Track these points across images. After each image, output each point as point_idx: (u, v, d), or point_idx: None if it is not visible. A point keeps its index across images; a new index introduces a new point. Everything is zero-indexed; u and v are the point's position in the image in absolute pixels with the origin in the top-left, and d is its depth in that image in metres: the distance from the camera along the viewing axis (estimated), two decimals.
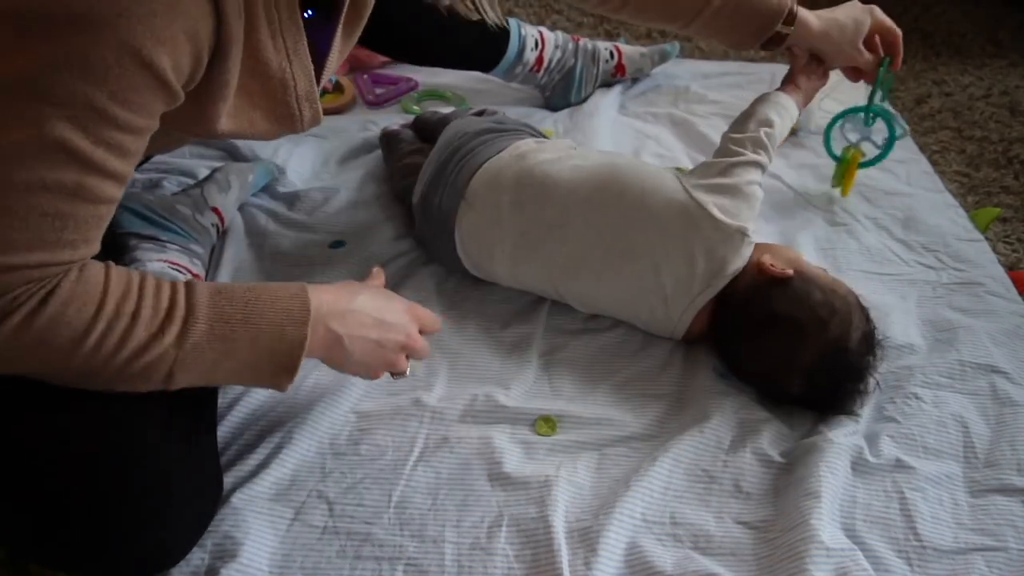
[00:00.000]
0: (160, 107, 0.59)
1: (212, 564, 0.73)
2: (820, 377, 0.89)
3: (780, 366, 0.91)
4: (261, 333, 0.68)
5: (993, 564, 0.78)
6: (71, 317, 0.60)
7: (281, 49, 0.69)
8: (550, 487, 0.81)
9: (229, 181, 1.15)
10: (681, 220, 0.95)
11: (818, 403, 0.91)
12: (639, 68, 1.54)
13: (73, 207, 0.57)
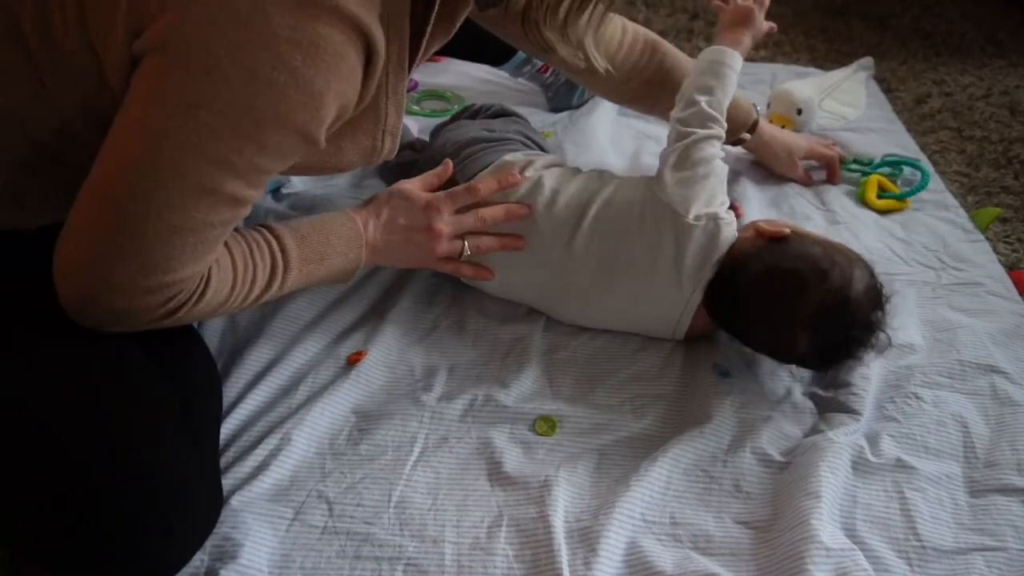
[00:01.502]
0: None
1: (211, 566, 0.73)
2: (826, 328, 0.88)
3: (785, 320, 0.89)
4: (333, 264, 0.86)
5: (993, 564, 0.78)
6: (215, 300, 0.74)
7: (383, 86, 0.74)
8: (550, 487, 0.81)
9: None
10: (655, 225, 0.96)
11: (828, 357, 0.90)
12: None
13: (224, 229, 0.70)
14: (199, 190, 0.64)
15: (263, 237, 0.80)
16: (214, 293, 0.73)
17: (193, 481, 0.71)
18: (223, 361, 0.94)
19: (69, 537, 0.64)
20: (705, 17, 1.93)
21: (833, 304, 0.88)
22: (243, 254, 0.77)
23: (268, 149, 0.65)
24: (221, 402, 0.86)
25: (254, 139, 0.63)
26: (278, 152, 0.66)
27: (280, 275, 0.80)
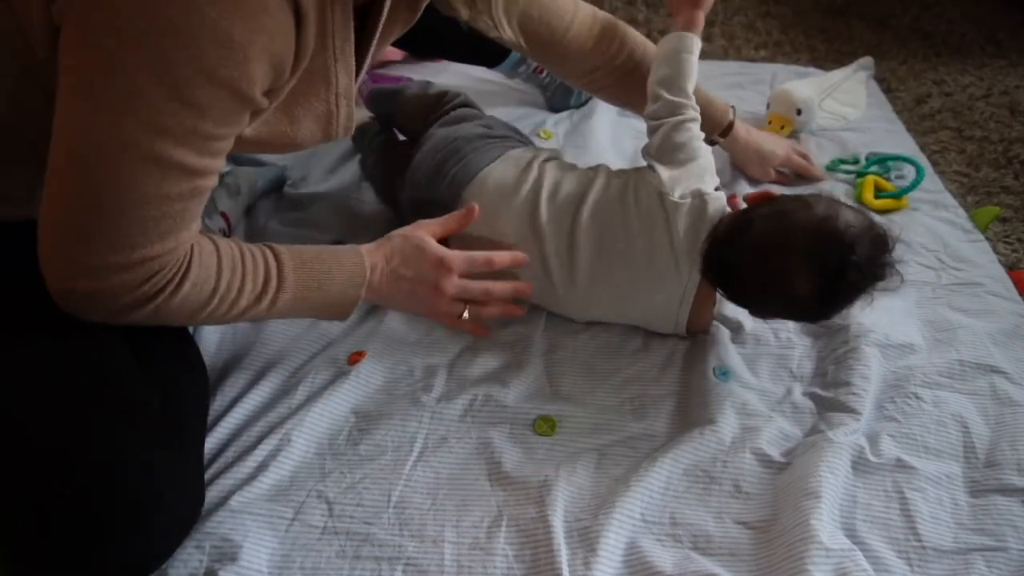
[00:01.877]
0: (248, 116, 0.69)
1: (211, 566, 0.73)
2: (823, 256, 0.86)
3: (782, 261, 0.88)
4: (330, 295, 0.83)
5: (993, 564, 0.78)
6: (195, 296, 0.73)
7: (330, 48, 0.73)
8: (549, 487, 0.81)
9: (239, 186, 1.15)
10: (646, 210, 0.97)
11: (836, 292, 0.87)
12: None
13: (187, 204, 0.69)
14: (143, 159, 0.63)
15: (260, 252, 0.79)
16: (193, 287, 0.72)
17: (171, 482, 0.71)
18: (223, 361, 0.94)
19: (42, 537, 0.64)
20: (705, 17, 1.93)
21: (825, 230, 0.87)
22: (232, 259, 0.76)
23: (201, 110, 0.63)
24: (207, 403, 0.86)
25: (181, 98, 0.62)
26: (213, 113, 0.64)
27: (272, 293, 0.79)
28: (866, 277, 0.87)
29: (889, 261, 0.89)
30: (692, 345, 1.00)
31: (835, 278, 0.86)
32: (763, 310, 0.96)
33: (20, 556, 0.67)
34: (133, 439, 0.69)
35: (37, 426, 0.66)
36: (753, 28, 1.91)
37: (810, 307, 0.90)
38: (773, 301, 0.92)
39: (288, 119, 0.76)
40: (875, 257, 0.87)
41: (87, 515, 0.65)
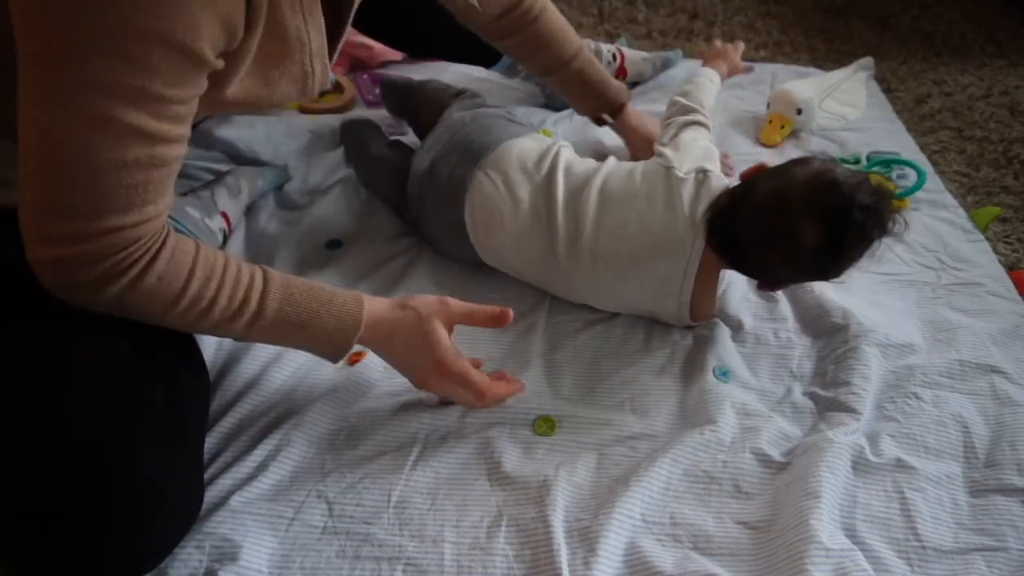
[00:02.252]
0: (204, 78, 0.68)
1: (210, 566, 0.73)
2: (825, 205, 0.86)
3: (783, 217, 0.88)
4: (316, 337, 0.81)
5: (993, 564, 0.78)
6: (163, 290, 0.72)
7: (298, 10, 0.74)
8: (549, 487, 0.81)
9: (240, 186, 1.15)
10: (652, 185, 1.00)
11: (842, 239, 0.87)
12: (640, 72, 1.54)
13: (149, 174, 0.67)
14: (93, 122, 0.63)
15: (250, 272, 0.78)
16: (160, 280, 0.71)
17: (173, 480, 0.71)
18: (222, 360, 0.94)
19: (42, 536, 0.64)
20: (705, 17, 1.93)
21: (824, 180, 0.88)
22: (210, 266, 0.75)
23: (145, 68, 0.62)
24: (208, 401, 0.86)
25: (123, 55, 0.60)
26: (161, 72, 0.63)
27: (248, 316, 0.76)
28: (870, 220, 0.87)
29: (890, 209, 0.90)
30: (692, 345, 1.00)
31: (840, 223, 0.86)
32: (773, 272, 0.95)
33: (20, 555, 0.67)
34: (135, 437, 0.69)
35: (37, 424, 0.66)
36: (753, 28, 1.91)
37: (820, 259, 0.89)
38: (782, 259, 0.91)
39: (264, 82, 0.76)
40: (876, 203, 0.88)
41: (87, 514, 0.65)
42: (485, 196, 1.02)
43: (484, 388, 0.85)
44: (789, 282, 1.01)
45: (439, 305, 0.85)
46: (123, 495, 0.66)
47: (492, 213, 1.02)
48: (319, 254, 1.11)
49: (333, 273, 1.07)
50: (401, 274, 1.08)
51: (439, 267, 1.10)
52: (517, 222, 1.01)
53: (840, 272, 0.92)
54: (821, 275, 0.95)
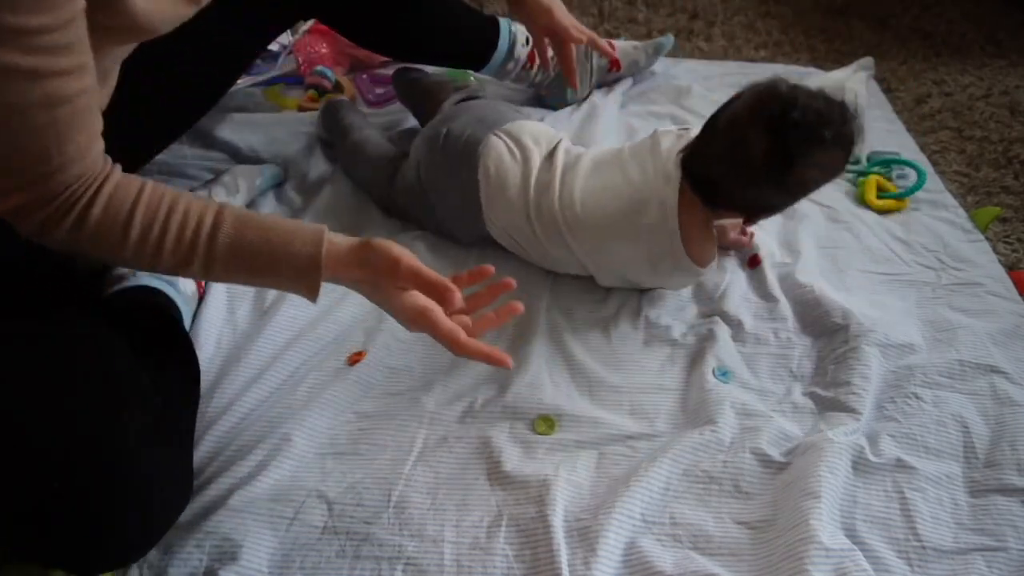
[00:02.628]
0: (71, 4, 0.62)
1: (210, 566, 0.73)
2: (767, 112, 0.89)
3: (733, 131, 0.92)
4: (275, 284, 0.77)
5: (993, 564, 0.78)
6: (107, 228, 0.70)
7: None
8: (549, 487, 0.81)
9: (237, 184, 1.15)
10: (639, 148, 1.05)
11: (790, 150, 0.88)
12: (634, 61, 1.53)
13: (52, 113, 0.63)
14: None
15: (199, 213, 0.73)
16: (103, 217, 0.70)
17: (168, 479, 0.72)
18: (221, 360, 0.94)
19: (42, 534, 0.65)
20: (705, 17, 1.93)
21: (766, 92, 0.91)
22: (154, 204, 0.72)
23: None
24: (198, 395, 0.86)
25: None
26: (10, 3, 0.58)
27: (199, 261, 0.73)
28: (811, 119, 0.88)
29: (845, 114, 0.90)
30: (692, 345, 1.00)
31: (780, 125, 0.88)
32: (740, 198, 0.96)
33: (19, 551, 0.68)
34: (133, 436, 0.69)
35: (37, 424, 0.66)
36: (753, 28, 1.91)
37: (773, 169, 0.90)
38: (741, 180, 0.93)
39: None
40: (817, 104, 0.89)
41: (86, 513, 0.65)
42: (499, 156, 1.05)
43: (453, 340, 0.77)
44: (760, 208, 0.99)
45: (392, 268, 0.76)
46: (121, 494, 0.67)
47: (504, 175, 1.05)
48: None
49: None
50: None
51: (439, 265, 1.10)
52: (524, 186, 1.04)
53: (803, 185, 0.94)
54: (783, 189, 0.94)
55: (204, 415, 0.88)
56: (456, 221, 1.11)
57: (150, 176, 1.20)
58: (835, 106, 0.91)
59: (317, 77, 1.45)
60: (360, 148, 1.22)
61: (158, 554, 0.75)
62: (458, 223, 1.11)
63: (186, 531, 0.76)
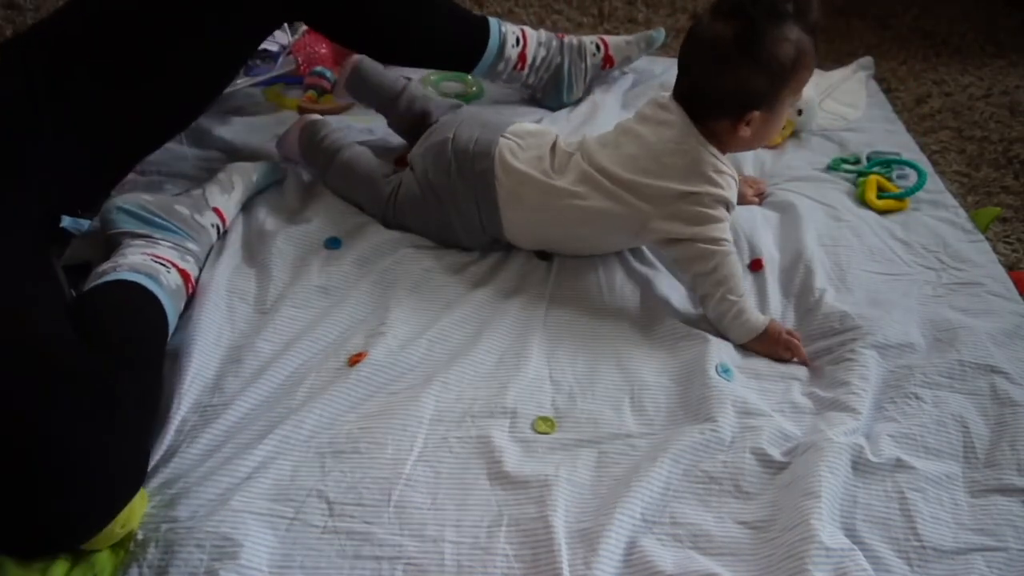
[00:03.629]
0: None
1: (211, 565, 0.73)
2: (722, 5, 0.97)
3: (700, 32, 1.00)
4: None
5: (993, 564, 0.78)
6: None
7: None
8: (550, 487, 0.81)
9: (232, 181, 1.15)
10: None
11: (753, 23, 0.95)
12: (627, 56, 1.51)
13: None
14: None
15: None
16: None
17: (95, 459, 0.72)
18: (221, 359, 0.94)
19: None
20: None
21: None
22: None
23: None
24: (157, 366, 0.88)
25: None
26: None
27: None
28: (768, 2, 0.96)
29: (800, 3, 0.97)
30: (694, 342, 1.00)
31: (742, 8, 0.96)
32: (729, 97, 1.00)
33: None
34: (53, 409, 0.70)
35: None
36: None
37: (744, 49, 0.96)
38: (716, 67, 0.99)
39: None
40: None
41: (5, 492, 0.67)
42: (512, 153, 1.08)
43: None
44: (748, 97, 1.00)
45: None
46: (44, 473, 0.68)
47: (520, 170, 1.07)
48: (318, 252, 1.11)
49: (332, 272, 1.07)
50: (399, 274, 1.08)
51: (439, 265, 1.10)
52: (543, 171, 1.07)
53: (780, 63, 0.97)
54: (762, 67, 0.97)
55: (204, 414, 0.88)
56: (468, 225, 1.11)
57: (150, 176, 1.21)
58: None
59: (316, 77, 1.45)
60: (351, 168, 1.20)
61: (158, 553, 0.75)
62: (470, 227, 1.11)
63: (187, 530, 0.76)
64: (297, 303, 1.02)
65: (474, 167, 1.08)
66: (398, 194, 1.14)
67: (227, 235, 1.12)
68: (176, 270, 0.98)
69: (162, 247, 1.00)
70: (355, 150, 1.22)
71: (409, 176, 1.14)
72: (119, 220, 1.01)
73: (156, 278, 0.95)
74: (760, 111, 1.01)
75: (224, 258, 1.08)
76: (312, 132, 1.24)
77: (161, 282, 0.95)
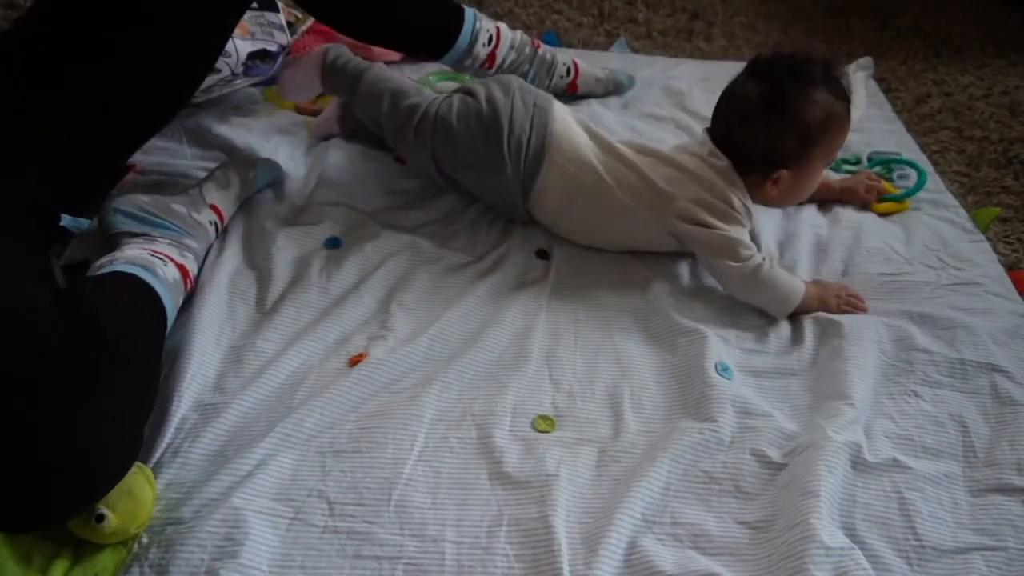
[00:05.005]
0: None
1: (211, 565, 0.73)
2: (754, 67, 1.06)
3: (735, 96, 1.06)
4: None
5: (993, 564, 0.78)
6: None
7: None
8: (550, 486, 0.81)
9: (229, 179, 1.14)
10: None
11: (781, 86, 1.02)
12: (590, 91, 1.52)
13: None
14: None
15: None
16: None
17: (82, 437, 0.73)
18: (221, 359, 0.94)
19: None
20: (705, 17, 1.93)
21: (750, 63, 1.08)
22: None
23: None
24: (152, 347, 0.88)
25: None
26: None
27: None
28: (798, 63, 1.02)
29: (827, 66, 1.04)
30: (693, 341, 1.00)
31: (769, 69, 1.04)
32: (755, 151, 1.05)
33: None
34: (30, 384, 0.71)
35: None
36: (753, 28, 1.91)
37: (770, 109, 1.02)
38: (747, 124, 1.05)
39: None
40: (806, 55, 1.04)
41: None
42: (565, 113, 1.14)
43: None
44: (780, 153, 1.05)
45: None
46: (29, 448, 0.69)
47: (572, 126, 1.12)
48: (318, 253, 1.11)
49: (333, 271, 1.07)
50: (402, 274, 1.08)
51: (439, 265, 1.10)
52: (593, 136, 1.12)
53: (808, 124, 1.03)
54: (791, 128, 1.03)
55: (205, 413, 0.88)
56: (515, 151, 1.09)
57: (150, 176, 1.21)
58: (819, 57, 1.05)
59: None
60: (381, 81, 1.18)
61: (159, 552, 0.75)
62: (516, 154, 1.09)
63: (188, 529, 0.76)
64: (297, 303, 1.02)
65: (536, 102, 1.12)
66: (448, 105, 1.13)
67: (227, 235, 1.12)
68: (174, 264, 0.98)
69: (160, 243, 1.00)
70: (380, 68, 1.21)
71: (461, 102, 1.13)
72: (117, 222, 1.01)
73: (152, 270, 0.94)
74: (789, 170, 1.05)
75: (224, 258, 1.08)
76: (333, 59, 1.21)
77: (158, 274, 0.94)
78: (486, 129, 1.10)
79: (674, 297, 1.08)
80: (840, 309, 1.06)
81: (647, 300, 1.07)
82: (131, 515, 0.75)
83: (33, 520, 0.72)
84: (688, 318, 1.04)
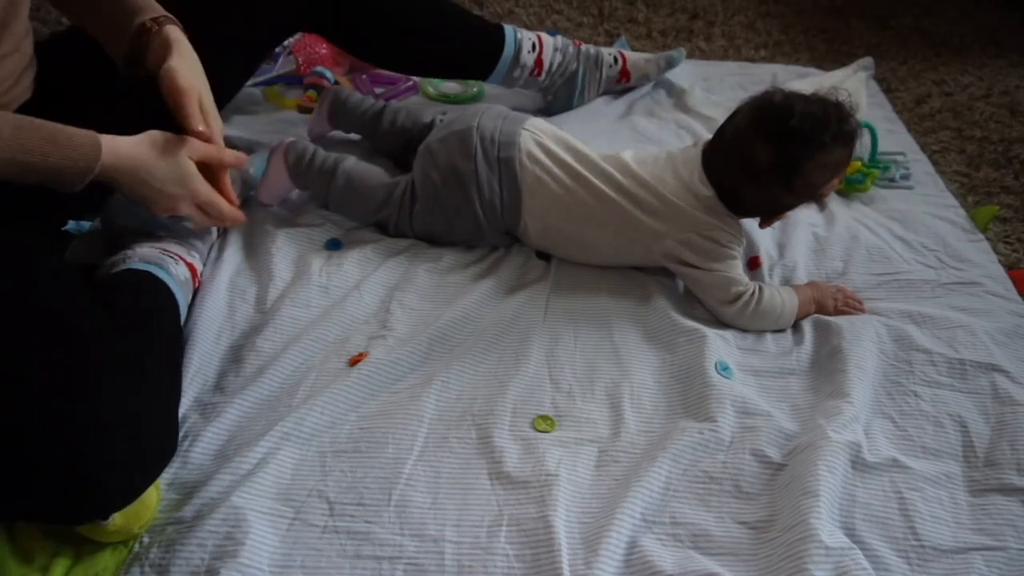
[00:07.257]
0: None
1: (212, 564, 0.74)
2: (766, 125, 0.97)
3: (739, 146, 1.00)
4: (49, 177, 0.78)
5: (993, 564, 0.78)
6: None
7: None
8: (550, 487, 0.81)
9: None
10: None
11: (793, 154, 0.97)
12: (644, 74, 1.52)
13: None
14: None
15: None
16: None
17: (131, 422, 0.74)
18: (221, 359, 0.94)
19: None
20: (705, 17, 1.93)
21: (762, 105, 1.00)
22: None
23: None
24: (175, 344, 0.90)
25: None
26: None
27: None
28: (810, 125, 0.95)
29: (840, 113, 0.97)
30: (693, 341, 1.00)
31: (780, 134, 0.96)
32: (751, 202, 1.04)
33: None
34: (83, 377, 0.72)
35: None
36: (753, 28, 1.91)
37: (780, 174, 0.98)
38: (751, 184, 1.01)
39: None
40: (813, 109, 0.97)
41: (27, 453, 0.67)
42: (536, 141, 1.10)
43: (225, 214, 0.91)
44: (777, 210, 1.06)
45: (179, 139, 0.86)
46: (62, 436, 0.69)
47: (543, 163, 1.09)
48: (319, 253, 1.11)
49: (333, 271, 1.07)
50: (401, 274, 1.08)
51: (439, 265, 1.10)
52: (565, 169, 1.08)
53: (812, 185, 1.01)
54: (794, 192, 1.01)
55: (205, 412, 0.88)
56: (489, 210, 1.09)
57: None
58: (831, 107, 0.97)
59: (316, 77, 1.45)
60: (356, 182, 1.14)
61: (160, 552, 0.75)
62: (490, 212, 1.09)
63: (188, 529, 0.76)
64: (298, 303, 1.02)
65: (499, 153, 1.08)
66: (412, 189, 1.12)
67: (228, 235, 1.12)
68: (184, 263, 0.99)
69: (168, 242, 1.01)
70: (351, 162, 1.16)
71: (425, 165, 1.11)
72: (124, 221, 1.01)
73: (165, 268, 0.96)
74: (789, 212, 1.08)
75: (225, 257, 1.08)
76: (299, 156, 1.16)
77: (170, 271, 0.96)
78: (457, 206, 1.10)
79: (674, 297, 1.08)
80: (838, 310, 1.06)
81: (647, 300, 1.07)
82: (135, 515, 0.75)
83: (93, 511, 0.73)
84: (688, 318, 1.04)
